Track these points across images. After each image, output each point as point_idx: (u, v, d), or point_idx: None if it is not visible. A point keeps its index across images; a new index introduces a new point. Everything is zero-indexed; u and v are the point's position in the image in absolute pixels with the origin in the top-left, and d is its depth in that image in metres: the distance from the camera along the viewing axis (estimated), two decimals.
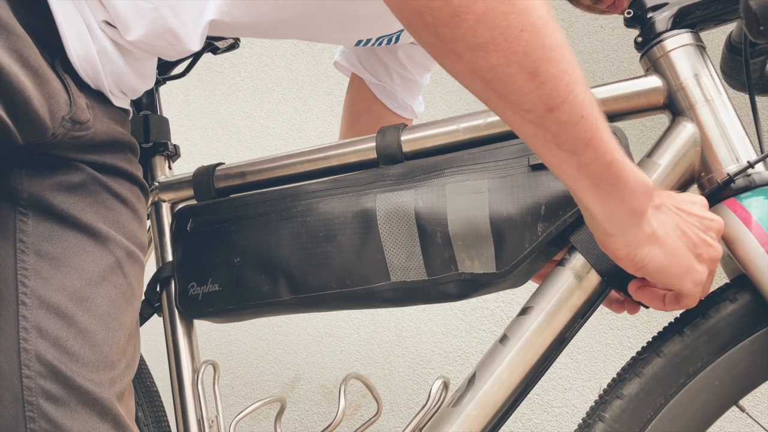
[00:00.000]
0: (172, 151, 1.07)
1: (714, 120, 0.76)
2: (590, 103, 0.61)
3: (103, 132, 0.77)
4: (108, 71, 0.77)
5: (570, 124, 0.61)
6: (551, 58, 0.58)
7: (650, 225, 0.67)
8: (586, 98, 0.61)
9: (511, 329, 0.80)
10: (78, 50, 0.72)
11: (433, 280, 0.83)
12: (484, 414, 0.79)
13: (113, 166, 0.79)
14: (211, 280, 0.93)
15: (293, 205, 0.90)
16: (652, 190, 0.67)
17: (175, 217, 0.98)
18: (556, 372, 1.57)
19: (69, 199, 0.74)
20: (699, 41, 0.79)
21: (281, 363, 1.83)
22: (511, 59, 0.57)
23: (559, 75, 0.59)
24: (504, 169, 0.82)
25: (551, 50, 0.58)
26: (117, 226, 0.77)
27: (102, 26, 0.74)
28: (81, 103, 0.73)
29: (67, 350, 0.68)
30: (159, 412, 1.06)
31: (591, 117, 0.61)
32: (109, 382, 0.70)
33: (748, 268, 0.71)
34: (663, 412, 0.73)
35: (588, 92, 0.61)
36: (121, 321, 0.74)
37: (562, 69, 0.59)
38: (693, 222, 0.69)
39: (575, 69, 0.60)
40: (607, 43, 1.62)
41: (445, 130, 0.88)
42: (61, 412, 0.67)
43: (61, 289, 0.71)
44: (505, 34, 0.57)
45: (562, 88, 0.59)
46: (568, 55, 0.60)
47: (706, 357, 0.72)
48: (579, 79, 0.60)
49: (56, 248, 0.72)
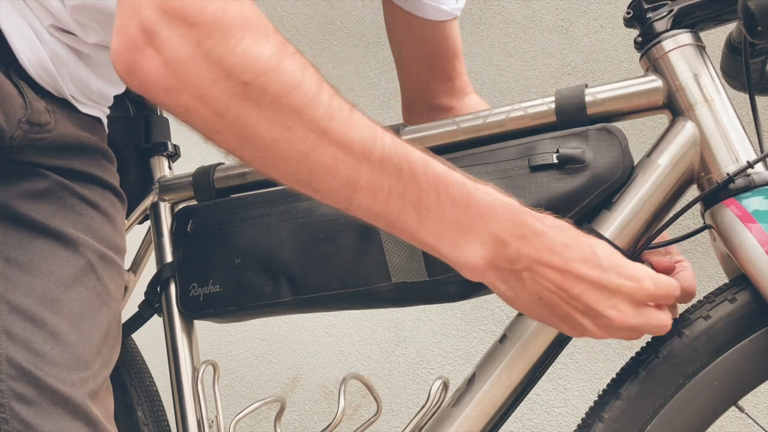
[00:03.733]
0: (173, 152, 1.07)
1: (713, 120, 0.76)
2: (383, 200, 0.63)
3: (66, 135, 0.78)
4: (66, 76, 0.77)
5: (369, 218, 0.65)
6: (321, 180, 0.63)
7: (494, 285, 0.67)
8: (377, 197, 0.63)
9: (511, 329, 0.80)
10: (28, 56, 0.73)
11: (433, 281, 0.83)
12: (484, 414, 0.79)
13: (81, 171, 0.79)
14: (212, 281, 0.93)
15: (294, 206, 0.90)
16: (479, 266, 0.66)
17: (176, 217, 0.98)
18: (556, 372, 1.57)
19: (35, 206, 0.75)
20: (699, 41, 0.79)
21: (281, 363, 1.83)
22: (290, 178, 0.64)
23: (332, 192, 0.64)
24: (504, 170, 0.82)
25: (320, 174, 0.62)
26: (87, 230, 0.78)
27: (51, 30, 0.75)
28: (39, 106, 0.74)
29: (37, 352, 0.69)
30: (159, 412, 1.06)
31: (386, 212, 0.64)
32: (81, 381, 0.70)
33: (747, 268, 0.71)
34: (662, 413, 0.72)
35: (379, 191, 0.63)
36: (95, 322, 0.75)
37: (335, 188, 0.63)
38: (571, 302, 0.66)
39: (355, 177, 0.63)
40: (607, 43, 1.62)
41: (445, 130, 0.88)
42: (33, 412, 0.67)
43: (31, 294, 0.71)
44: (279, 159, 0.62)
45: (343, 199, 0.64)
46: (344, 168, 0.62)
47: (705, 357, 0.72)
48: (361, 187, 0.63)
49: (25, 254, 0.73)
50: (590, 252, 0.66)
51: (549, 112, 0.83)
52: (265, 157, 0.62)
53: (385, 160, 0.63)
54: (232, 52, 0.59)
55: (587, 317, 0.66)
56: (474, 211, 0.65)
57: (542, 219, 0.67)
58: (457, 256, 0.65)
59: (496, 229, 0.65)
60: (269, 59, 0.60)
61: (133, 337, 1.09)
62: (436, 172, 0.65)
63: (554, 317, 0.68)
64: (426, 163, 0.64)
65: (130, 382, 1.06)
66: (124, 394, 1.05)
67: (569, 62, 1.64)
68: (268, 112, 0.60)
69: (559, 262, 0.65)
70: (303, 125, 0.60)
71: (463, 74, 1.07)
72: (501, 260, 0.66)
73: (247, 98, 0.59)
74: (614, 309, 0.65)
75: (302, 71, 0.61)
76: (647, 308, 0.67)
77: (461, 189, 0.65)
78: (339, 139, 0.61)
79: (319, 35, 1.90)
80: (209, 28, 0.59)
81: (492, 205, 0.65)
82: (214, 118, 0.60)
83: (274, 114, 0.60)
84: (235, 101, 0.59)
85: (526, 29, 1.70)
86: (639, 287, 0.66)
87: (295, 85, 0.60)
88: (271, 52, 0.60)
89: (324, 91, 0.62)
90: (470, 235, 0.65)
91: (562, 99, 0.82)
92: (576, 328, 0.68)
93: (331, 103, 0.62)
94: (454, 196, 0.65)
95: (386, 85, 1.81)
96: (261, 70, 0.59)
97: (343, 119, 0.62)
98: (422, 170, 0.64)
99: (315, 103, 0.61)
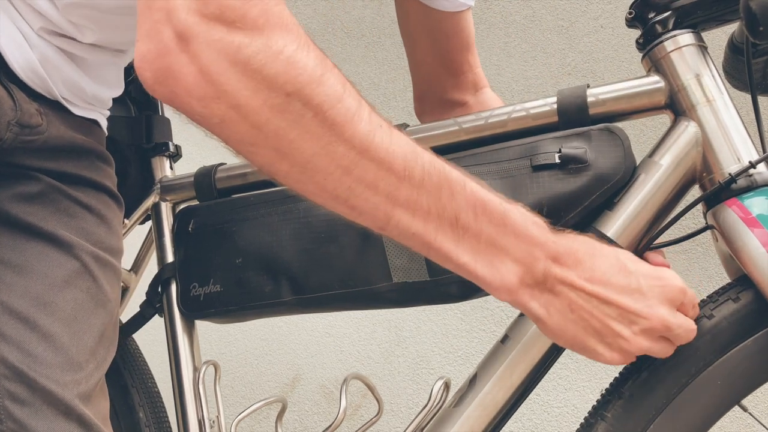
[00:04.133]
0: (174, 152, 1.07)
1: (715, 120, 0.76)
2: (422, 219, 0.63)
3: (59, 137, 0.78)
4: (57, 79, 0.77)
5: (404, 238, 0.64)
6: (360, 197, 0.61)
7: (525, 305, 0.67)
8: (416, 216, 0.62)
9: (513, 329, 0.80)
10: (18, 59, 0.73)
11: (434, 281, 0.83)
12: (486, 414, 0.79)
13: (75, 174, 0.79)
14: (213, 280, 0.93)
15: (295, 206, 0.90)
16: (513, 285, 0.66)
17: (177, 217, 0.98)
18: (557, 372, 1.57)
19: (29, 209, 0.75)
20: (701, 41, 0.79)
21: (281, 363, 1.83)
22: (327, 195, 0.61)
23: (371, 210, 0.62)
24: (506, 170, 0.81)
25: (360, 191, 0.61)
26: (81, 232, 0.78)
27: (41, 33, 0.75)
28: (30, 109, 0.74)
29: (30, 353, 0.69)
30: (160, 412, 1.06)
31: (423, 231, 0.63)
32: (74, 382, 0.71)
33: (750, 268, 0.71)
34: (665, 412, 0.72)
35: (419, 209, 0.62)
36: (89, 324, 0.75)
37: (373, 205, 0.61)
38: (605, 310, 0.66)
39: (395, 194, 0.61)
40: (608, 43, 1.62)
41: (447, 130, 0.88)
42: (27, 412, 0.67)
43: (24, 295, 0.71)
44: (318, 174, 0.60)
45: (381, 217, 0.62)
46: (385, 185, 0.61)
47: (708, 357, 0.72)
48: (400, 204, 0.62)
49: (19, 256, 0.73)
50: (616, 260, 0.67)
51: (551, 112, 0.83)
52: (303, 172, 0.60)
53: (426, 178, 0.62)
54: (275, 61, 0.56)
55: (623, 323, 0.66)
56: (510, 230, 0.65)
57: (568, 235, 0.68)
58: (493, 275, 0.65)
59: (529, 248, 0.65)
60: (313, 70, 0.57)
61: (135, 338, 1.09)
62: (474, 190, 0.64)
63: (588, 333, 0.67)
64: (464, 182, 0.64)
65: (131, 383, 1.06)
66: (126, 395, 1.05)
67: (569, 62, 1.64)
68: (311, 126, 0.58)
69: (588, 272, 0.66)
70: (345, 141, 0.59)
71: (476, 67, 1.06)
72: (533, 278, 0.66)
73: (289, 111, 0.57)
74: (650, 308, 0.66)
75: (343, 86, 0.59)
76: (677, 312, 0.68)
77: (498, 208, 0.65)
78: (381, 157, 0.60)
79: (319, 35, 1.90)
80: (250, 34, 0.56)
81: (526, 224, 0.66)
82: (252, 130, 0.58)
83: (317, 128, 0.58)
84: (275, 113, 0.57)
85: (526, 29, 1.70)
86: (667, 285, 0.67)
87: (338, 98, 0.58)
88: (314, 63, 0.58)
89: (364, 107, 0.60)
90: (505, 254, 0.65)
91: (564, 99, 0.82)
92: (613, 343, 0.67)
93: (371, 119, 0.60)
94: (492, 215, 0.64)
95: (386, 85, 1.81)
96: (305, 81, 0.57)
97: (385, 136, 0.61)
98: (461, 189, 0.64)
99: (357, 118, 0.59)
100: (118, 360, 1.04)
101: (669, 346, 0.69)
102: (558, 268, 0.66)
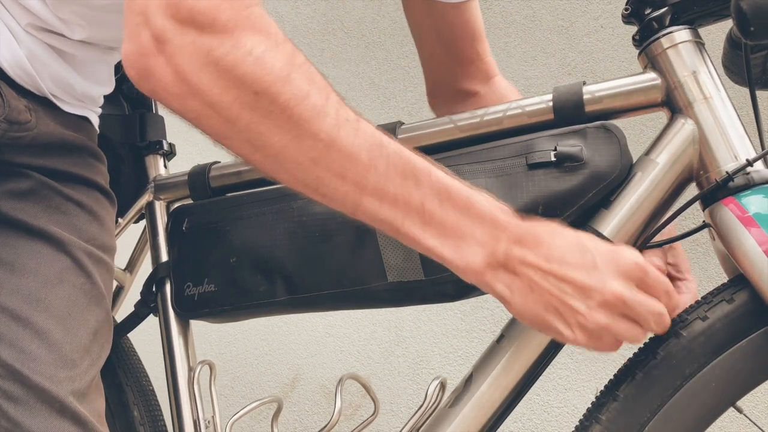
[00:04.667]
0: (168, 150, 1.07)
1: (712, 117, 0.76)
2: (389, 206, 0.66)
3: (49, 134, 0.78)
4: (46, 75, 0.77)
5: (375, 222, 0.68)
6: (328, 186, 0.66)
7: (491, 286, 0.69)
8: (383, 203, 0.66)
9: (509, 329, 0.80)
10: (5, 55, 0.74)
11: (430, 281, 0.83)
12: (482, 414, 0.79)
13: (66, 171, 0.80)
14: (207, 280, 0.93)
15: (289, 205, 0.90)
16: (478, 267, 0.68)
17: (171, 216, 0.98)
18: (556, 372, 1.57)
19: (19, 206, 0.75)
20: (698, 38, 0.78)
21: (281, 363, 1.83)
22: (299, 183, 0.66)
23: (340, 198, 0.66)
24: (501, 168, 0.81)
25: (328, 181, 0.65)
26: (73, 229, 0.78)
27: (29, 29, 0.75)
28: (18, 105, 0.74)
29: (23, 350, 0.69)
30: (155, 411, 1.06)
31: (391, 217, 0.67)
32: (68, 379, 0.71)
33: (746, 268, 0.70)
34: (660, 414, 0.72)
35: (386, 197, 0.66)
36: (83, 320, 0.75)
37: (342, 194, 0.66)
38: (561, 287, 0.67)
39: (362, 184, 0.65)
40: (607, 43, 1.62)
41: (442, 128, 0.87)
42: (21, 410, 0.68)
43: (16, 293, 0.72)
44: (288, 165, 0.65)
45: (350, 204, 0.67)
46: (352, 175, 0.65)
47: (702, 358, 0.71)
48: (367, 193, 0.66)
49: (10, 254, 0.74)
50: (575, 240, 0.69)
51: (547, 109, 0.83)
52: (275, 163, 0.65)
53: (391, 168, 0.65)
54: (243, 62, 0.60)
55: (579, 298, 0.67)
56: (473, 215, 0.68)
57: (532, 220, 0.70)
58: (459, 258, 0.68)
59: (493, 231, 0.68)
60: (280, 70, 0.61)
61: (129, 337, 1.09)
62: (439, 178, 0.68)
63: (549, 312, 0.68)
64: (429, 170, 0.67)
65: (125, 382, 1.05)
66: (120, 393, 1.04)
67: (569, 62, 1.64)
68: (279, 121, 0.62)
69: (546, 250, 0.68)
70: (311, 135, 0.63)
71: (486, 56, 1.07)
72: (496, 260, 0.68)
73: (258, 107, 0.61)
74: (602, 282, 0.67)
75: (310, 82, 0.63)
76: (637, 290, 0.68)
77: (462, 194, 0.68)
78: (347, 149, 0.64)
79: (319, 35, 1.89)
80: (220, 37, 0.60)
81: (489, 208, 0.68)
82: (225, 124, 0.62)
83: (284, 123, 0.62)
84: (246, 110, 0.61)
85: (526, 29, 1.69)
86: (621, 258, 0.68)
87: (304, 96, 0.62)
88: (281, 63, 0.61)
89: (332, 101, 0.64)
90: (469, 237, 0.68)
91: (560, 96, 0.82)
92: (572, 320, 0.68)
93: (338, 113, 0.64)
94: (456, 200, 0.67)
95: (386, 85, 1.81)
96: (272, 80, 0.61)
97: (351, 129, 0.64)
98: (426, 177, 0.67)
99: (323, 114, 0.63)
100: (113, 358, 1.03)
101: (634, 327, 0.68)
102: (519, 249, 0.68)
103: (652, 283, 0.69)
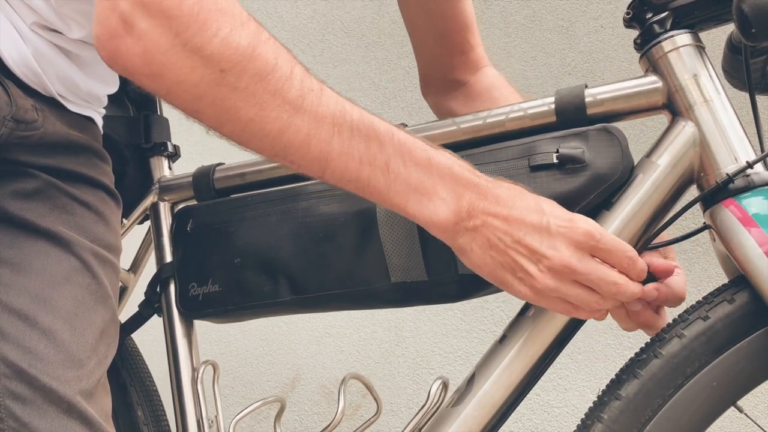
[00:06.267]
0: (172, 152, 1.07)
1: (713, 120, 0.76)
2: (355, 168, 0.69)
3: (55, 133, 0.78)
4: (52, 75, 0.78)
5: (342, 184, 0.71)
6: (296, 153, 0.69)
7: (454, 239, 0.72)
8: (349, 166, 0.69)
9: (511, 329, 0.80)
10: (12, 54, 0.74)
11: (433, 281, 0.83)
12: (484, 414, 0.79)
13: (72, 171, 0.80)
14: (212, 280, 0.93)
15: (294, 206, 0.90)
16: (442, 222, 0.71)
17: (176, 217, 0.98)
18: (556, 372, 1.57)
19: (26, 206, 0.76)
20: (698, 41, 0.79)
21: (281, 363, 1.83)
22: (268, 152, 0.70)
23: (307, 164, 0.69)
24: (504, 170, 0.82)
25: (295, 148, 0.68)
26: (79, 229, 0.78)
27: (34, 28, 0.75)
28: (25, 104, 0.75)
29: (31, 350, 0.69)
30: (158, 411, 1.06)
31: (357, 178, 0.70)
32: (76, 379, 0.71)
33: (747, 269, 0.71)
34: (661, 413, 0.72)
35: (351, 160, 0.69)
36: (90, 320, 0.75)
37: (309, 160, 0.69)
38: (516, 247, 0.71)
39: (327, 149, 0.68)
40: (607, 43, 1.62)
41: (445, 130, 0.88)
42: (28, 410, 0.68)
43: (23, 293, 0.72)
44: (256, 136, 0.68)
45: (317, 169, 0.70)
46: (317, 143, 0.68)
47: (704, 358, 0.72)
48: (333, 158, 0.69)
49: (17, 254, 0.74)
50: (534, 203, 0.72)
51: (549, 112, 0.83)
52: (243, 134, 0.68)
53: (354, 132, 0.69)
54: (209, 43, 0.63)
55: (531, 261, 0.71)
56: (435, 172, 0.71)
57: (495, 179, 0.74)
58: (423, 212, 0.71)
59: (455, 187, 0.71)
60: (245, 48, 0.64)
61: (133, 337, 1.09)
62: (401, 140, 0.71)
63: (505, 269, 0.72)
64: (392, 132, 0.71)
65: (129, 382, 1.06)
66: (124, 393, 1.05)
67: (569, 62, 1.64)
68: (245, 95, 0.65)
69: (506, 210, 0.71)
70: (277, 106, 0.66)
71: (477, 47, 1.08)
72: (459, 214, 0.71)
73: (225, 84, 0.64)
74: (553, 249, 0.70)
75: (275, 57, 0.66)
76: (592, 258, 0.71)
77: (423, 153, 0.71)
78: (311, 117, 0.67)
79: (319, 35, 1.90)
80: (186, 19, 0.63)
81: (450, 166, 0.72)
82: (194, 99, 0.65)
83: (250, 97, 0.65)
84: (213, 87, 0.64)
85: (526, 29, 1.70)
86: (573, 227, 0.71)
87: (269, 70, 0.65)
88: (246, 41, 0.65)
89: (296, 73, 0.67)
90: (433, 193, 0.71)
91: (562, 99, 0.83)
92: (525, 279, 0.71)
93: (302, 84, 0.67)
94: (418, 159, 0.71)
95: (386, 85, 1.81)
96: (237, 59, 0.64)
97: (314, 98, 0.68)
98: (388, 139, 0.70)
99: (288, 86, 0.66)
100: (116, 358, 1.04)
101: (590, 293, 0.71)
102: (482, 201, 0.71)
103: (608, 251, 0.71)
